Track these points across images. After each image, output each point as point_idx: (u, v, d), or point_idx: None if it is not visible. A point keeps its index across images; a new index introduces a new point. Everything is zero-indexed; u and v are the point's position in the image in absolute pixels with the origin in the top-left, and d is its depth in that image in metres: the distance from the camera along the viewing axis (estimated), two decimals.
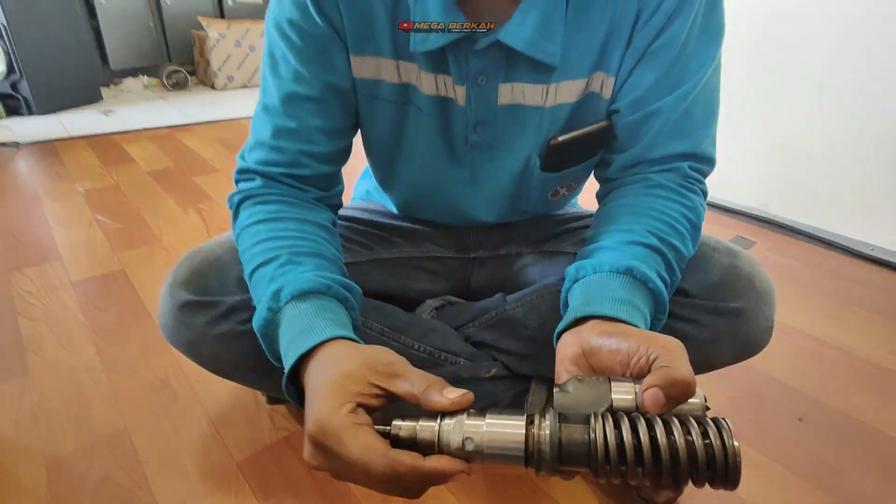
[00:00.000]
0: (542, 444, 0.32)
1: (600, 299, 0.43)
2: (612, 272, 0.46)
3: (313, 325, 0.42)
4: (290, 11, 0.52)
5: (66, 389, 0.75)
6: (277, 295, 0.45)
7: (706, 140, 0.56)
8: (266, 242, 0.49)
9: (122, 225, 1.26)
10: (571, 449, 0.32)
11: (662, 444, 0.30)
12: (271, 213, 0.52)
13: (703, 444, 0.30)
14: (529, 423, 0.33)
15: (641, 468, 0.30)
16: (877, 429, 0.74)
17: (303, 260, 0.48)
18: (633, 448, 0.30)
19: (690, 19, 0.50)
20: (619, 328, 0.39)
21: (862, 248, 1.22)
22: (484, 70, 0.52)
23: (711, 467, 0.29)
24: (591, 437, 0.31)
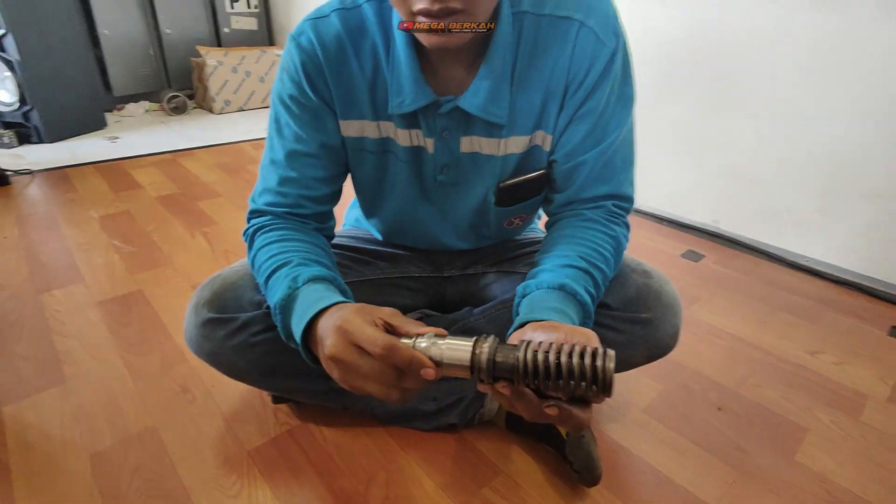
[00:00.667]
0: (482, 359, 0.47)
1: (540, 309, 0.57)
2: (549, 288, 0.60)
3: (325, 296, 0.57)
4: (290, 89, 0.67)
5: (100, 395, 0.88)
6: (296, 279, 0.60)
7: (625, 183, 0.71)
8: (279, 255, 0.64)
9: (136, 248, 1.39)
10: (502, 363, 0.47)
11: (563, 362, 0.44)
12: (281, 236, 0.66)
13: (587, 363, 0.44)
14: (475, 343, 0.48)
15: (548, 380, 0.45)
16: (781, 415, 0.88)
17: (311, 263, 0.63)
18: (543, 362, 0.45)
19: (608, 91, 0.65)
20: (550, 324, 0.53)
21: (797, 258, 1.38)
22: (447, 127, 0.67)
23: (592, 378, 0.44)
24: (517, 355, 0.46)
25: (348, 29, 0.64)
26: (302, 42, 0.64)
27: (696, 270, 1.36)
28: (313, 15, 0.65)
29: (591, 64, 0.63)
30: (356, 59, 0.65)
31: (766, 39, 1.29)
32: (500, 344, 0.48)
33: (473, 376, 0.48)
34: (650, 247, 1.49)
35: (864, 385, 0.96)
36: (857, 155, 1.22)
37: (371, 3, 0.64)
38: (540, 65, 0.64)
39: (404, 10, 0.54)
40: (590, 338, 0.50)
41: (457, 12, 0.51)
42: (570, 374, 0.44)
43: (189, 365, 0.95)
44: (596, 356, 0.44)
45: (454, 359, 0.49)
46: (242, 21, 3.16)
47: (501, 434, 0.82)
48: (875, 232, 1.24)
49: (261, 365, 0.71)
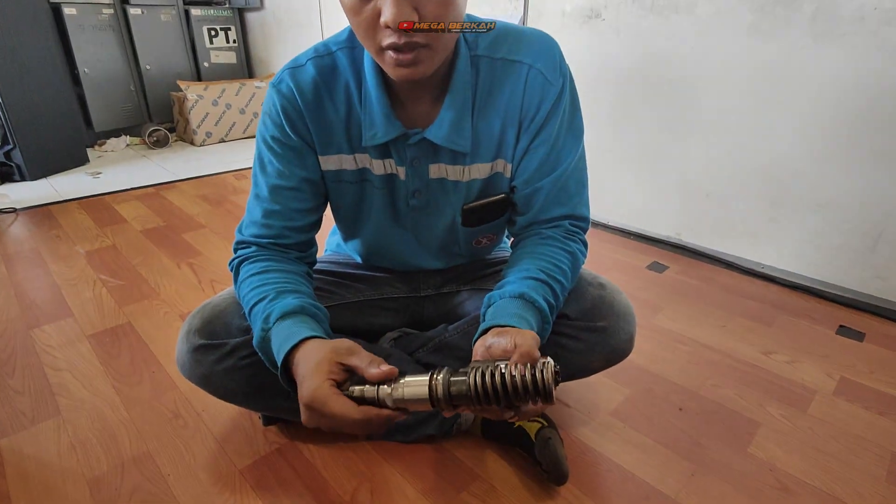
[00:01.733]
0: (438, 392, 0.54)
1: (501, 315, 0.65)
2: (511, 297, 0.67)
3: (293, 332, 0.63)
4: (272, 130, 0.73)
5: (94, 424, 0.92)
6: (268, 319, 0.66)
7: (580, 205, 0.79)
8: (259, 287, 0.70)
9: (123, 282, 1.43)
10: (456, 393, 0.54)
11: (509, 381, 0.52)
12: (262, 268, 0.72)
13: (529, 377, 0.51)
14: (430, 379, 0.56)
15: (497, 398, 0.52)
16: (736, 412, 0.95)
17: (286, 295, 0.68)
18: (492, 387, 0.52)
19: (558, 124, 0.73)
20: (502, 330, 0.61)
21: (752, 266, 1.47)
22: (417, 156, 0.74)
23: (535, 391, 0.51)
24: (468, 382, 0.53)
25: (323, 75, 0.71)
26: (282, 88, 0.72)
27: (661, 281, 1.44)
28: (291, 64, 0.73)
29: (542, 100, 0.71)
30: (331, 100, 0.72)
31: (712, 66, 1.41)
32: (452, 373, 0.56)
33: (435, 408, 0.56)
34: (618, 259, 1.57)
35: (813, 381, 1.04)
36: (800, 170, 1.33)
37: (343, 49, 0.72)
38: (496, 101, 0.72)
39: (374, 48, 0.61)
40: (525, 338, 0.58)
41: (421, 47, 0.59)
42: (515, 390, 0.52)
43: (180, 391, 1.00)
44: (535, 371, 0.51)
45: (415, 396, 0.56)
46: (222, 55, 3.24)
47: (478, 441, 0.88)
48: (820, 239, 1.34)
49: (249, 386, 0.76)
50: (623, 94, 1.62)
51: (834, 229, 1.31)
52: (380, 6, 0.55)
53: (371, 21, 0.57)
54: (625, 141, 1.66)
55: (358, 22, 0.58)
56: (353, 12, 0.58)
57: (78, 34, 2.68)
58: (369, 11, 0.56)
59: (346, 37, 0.72)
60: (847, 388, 1.02)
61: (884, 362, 1.10)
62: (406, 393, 0.56)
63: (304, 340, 0.62)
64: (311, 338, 0.63)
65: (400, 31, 0.56)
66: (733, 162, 1.44)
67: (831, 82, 1.23)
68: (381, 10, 0.55)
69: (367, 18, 0.57)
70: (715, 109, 1.44)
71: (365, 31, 0.59)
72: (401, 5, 0.54)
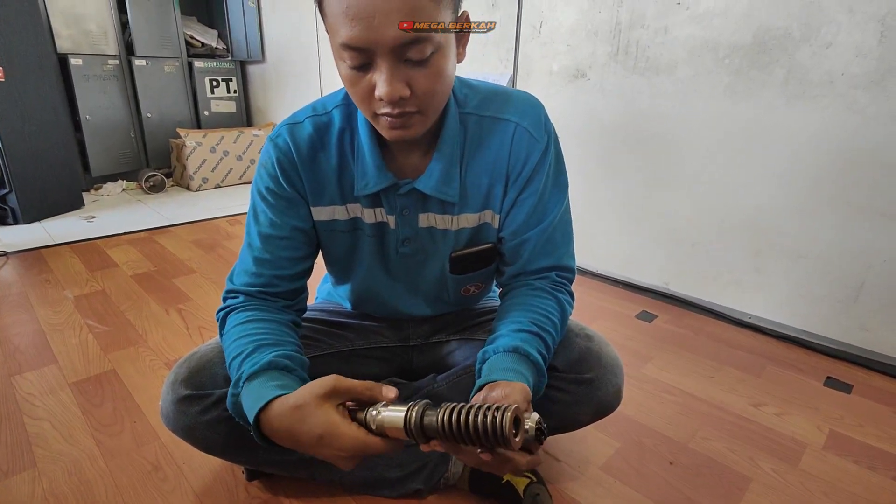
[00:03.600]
0: (411, 422, 0.56)
1: (497, 370, 0.65)
2: (505, 352, 0.68)
3: (260, 395, 0.62)
4: (267, 181, 0.76)
5: (71, 477, 0.89)
6: (237, 383, 0.66)
7: (566, 256, 0.81)
8: (239, 340, 0.70)
9: (110, 328, 1.41)
10: (427, 425, 0.55)
11: (471, 421, 0.53)
12: (246, 318, 0.73)
13: (490, 418, 0.52)
14: (407, 409, 0.57)
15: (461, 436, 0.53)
16: (727, 466, 0.94)
17: (262, 349, 0.68)
18: (457, 423, 0.53)
19: (544, 178, 0.76)
20: (497, 385, 0.62)
21: (741, 316, 1.49)
22: (406, 205, 0.77)
23: (494, 433, 0.51)
24: (438, 415, 0.54)
25: (319, 131, 0.75)
26: (279, 142, 0.74)
27: (650, 330, 1.45)
28: (290, 121, 0.76)
29: (528, 157, 0.74)
30: (325, 154, 0.75)
31: (693, 123, 1.47)
32: (428, 407, 0.57)
33: (409, 438, 0.56)
34: (607, 308, 1.58)
35: (803, 434, 1.03)
36: (779, 221, 1.37)
37: (339, 108, 0.75)
38: (484, 154, 0.75)
39: (368, 114, 0.64)
40: (515, 389, 0.59)
41: (413, 114, 0.62)
42: (476, 429, 0.52)
43: (161, 442, 0.97)
44: (497, 413, 0.52)
45: (393, 423, 0.57)
46: (222, 104, 3.34)
47: (465, 496, 0.86)
48: (804, 289, 1.36)
49: (232, 437, 0.75)
50: (609, 147, 1.68)
51: (817, 280, 1.34)
52: (374, 81, 0.59)
53: (367, 92, 0.60)
54: (612, 192, 1.71)
55: (354, 91, 0.62)
56: (350, 83, 0.61)
57: (82, 83, 2.76)
58: (365, 84, 0.60)
59: (342, 96, 0.75)
60: (837, 441, 1.02)
61: (872, 415, 1.10)
62: (385, 419, 0.57)
63: (270, 403, 0.61)
64: (279, 396, 0.61)
65: (393, 102, 0.59)
66: (717, 213, 1.48)
67: (807, 140, 1.29)
68: (376, 84, 0.59)
69: (362, 89, 0.60)
70: (697, 163, 1.49)
71: (360, 100, 0.62)
72: (394, 82, 0.57)
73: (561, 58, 1.72)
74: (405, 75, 0.59)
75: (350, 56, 0.58)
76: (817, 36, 1.23)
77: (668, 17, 1.46)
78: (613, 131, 1.65)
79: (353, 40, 0.56)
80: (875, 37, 1.15)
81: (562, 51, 1.71)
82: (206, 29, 3.33)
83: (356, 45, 0.56)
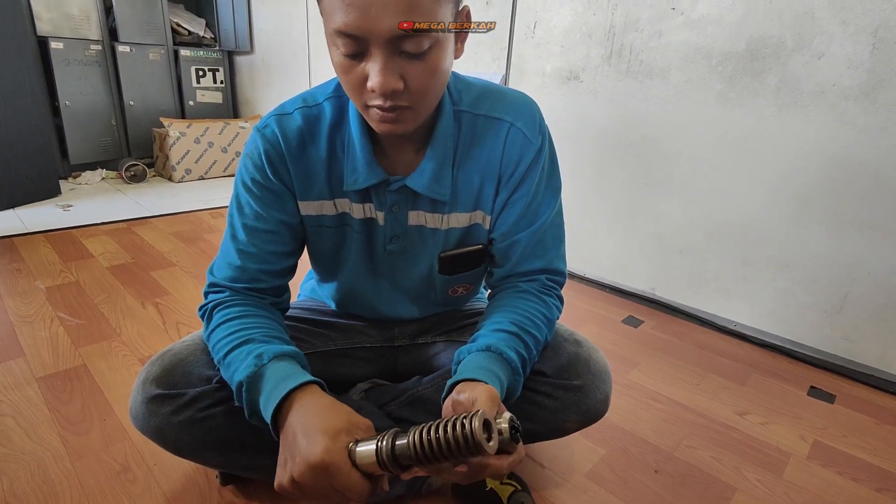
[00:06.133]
0: (383, 456, 0.53)
1: (469, 369, 0.63)
2: (478, 351, 0.66)
3: (294, 373, 0.61)
4: (253, 173, 0.72)
5: (34, 478, 0.85)
6: (261, 356, 0.63)
7: (557, 259, 0.79)
8: (239, 332, 0.66)
9: (82, 321, 1.36)
10: (400, 454, 0.52)
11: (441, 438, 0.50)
12: (241, 312, 0.70)
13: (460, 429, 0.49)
14: (377, 444, 0.54)
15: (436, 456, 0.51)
16: (712, 475, 0.93)
17: (273, 340, 0.66)
18: (428, 442, 0.51)
19: (537, 180, 0.74)
20: (462, 386, 0.60)
21: (727, 324, 1.49)
22: (396, 202, 0.74)
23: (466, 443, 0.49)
24: (408, 441, 0.52)
25: (309, 123, 0.72)
26: (266, 134, 0.71)
27: (636, 335, 1.44)
28: (278, 111, 0.73)
29: (521, 157, 0.72)
30: (314, 147, 0.72)
31: (684, 129, 1.47)
32: (398, 435, 0.54)
33: (384, 470, 0.53)
34: (594, 312, 1.57)
35: (787, 444, 1.03)
36: (767, 230, 1.37)
37: (330, 99, 0.72)
38: (477, 154, 0.73)
39: (360, 105, 0.61)
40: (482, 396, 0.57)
41: (404, 108, 0.60)
42: (448, 445, 0.50)
43: (131, 442, 0.93)
44: (464, 422, 0.50)
45: (366, 458, 0.54)
46: (208, 95, 3.27)
47: (448, 502, 0.83)
48: (789, 299, 1.37)
49: (207, 440, 0.71)
50: (600, 151, 1.67)
51: (802, 290, 1.34)
52: (367, 71, 0.56)
53: (359, 82, 0.58)
54: (601, 196, 1.70)
55: (346, 80, 0.59)
56: (342, 71, 0.59)
57: (62, 67, 2.67)
58: (357, 73, 0.57)
59: (333, 87, 0.73)
60: (821, 451, 1.02)
61: (856, 426, 1.10)
62: (359, 454, 0.54)
63: (309, 386, 0.60)
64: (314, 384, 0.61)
65: (385, 95, 0.57)
66: (706, 220, 1.48)
67: (796, 149, 1.29)
68: (369, 75, 0.56)
69: (354, 78, 0.58)
70: (687, 169, 1.49)
71: (352, 89, 0.60)
72: (387, 74, 0.55)
73: (554, 59, 1.71)
74: (400, 68, 0.56)
75: (344, 43, 0.55)
76: (810, 46, 1.23)
77: (662, 22, 1.45)
78: (605, 135, 1.65)
79: (347, 27, 0.53)
80: (867, 49, 1.16)
81: (555, 52, 1.70)
82: (193, 17, 3.26)
83: (350, 33, 0.54)
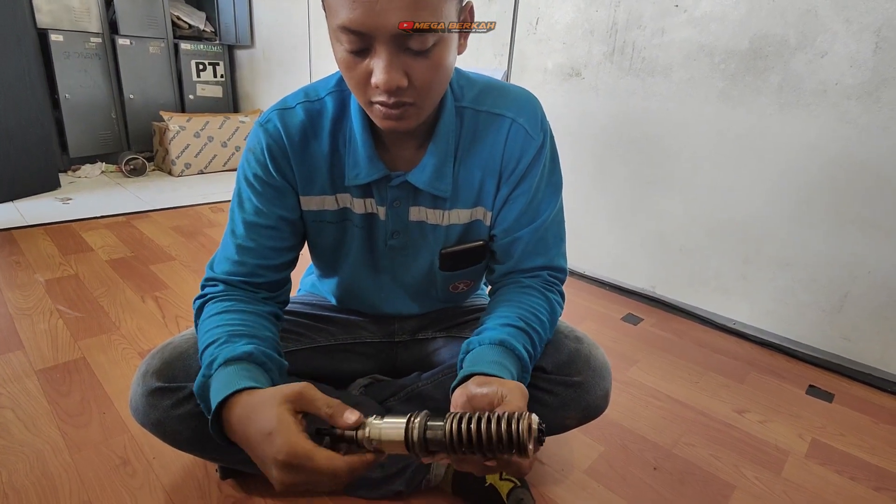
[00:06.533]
0: (413, 436, 0.51)
1: (481, 362, 0.62)
2: (490, 344, 0.65)
3: (231, 380, 0.57)
4: (255, 168, 0.72)
5: (33, 469, 0.85)
6: (211, 364, 0.61)
7: (558, 256, 0.79)
8: (215, 329, 0.66)
9: (82, 314, 1.36)
10: (432, 439, 0.51)
11: (483, 430, 0.49)
12: (223, 308, 0.69)
13: (505, 427, 0.48)
14: (407, 422, 0.52)
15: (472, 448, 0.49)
16: (711, 473, 0.94)
17: (237, 339, 0.64)
18: (467, 434, 0.49)
19: (538, 177, 0.74)
20: (487, 380, 0.58)
21: (726, 322, 1.49)
22: (398, 197, 0.74)
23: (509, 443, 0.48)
24: (444, 427, 0.50)
25: (311, 118, 0.71)
26: (269, 128, 0.71)
27: (635, 333, 1.44)
28: (280, 105, 0.72)
29: (522, 153, 0.72)
30: (317, 143, 0.72)
31: (686, 127, 1.47)
32: (430, 418, 0.53)
33: (411, 452, 0.52)
34: (593, 310, 1.57)
35: (785, 442, 1.03)
36: (768, 229, 1.37)
37: (333, 94, 0.72)
38: (478, 150, 0.72)
39: (363, 101, 0.61)
40: (513, 394, 0.55)
41: (409, 105, 0.59)
42: (490, 441, 0.49)
43: (130, 435, 0.93)
44: (511, 422, 0.49)
45: (391, 438, 0.52)
46: (208, 89, 3.26)
47: (448, 499, 0.83)
48: (789, 297, 1.37)
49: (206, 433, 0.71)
50: (601, 148, 1.67)
51: (802, 288, 1.34)
52: (371, 67, 0.56)
53: (363, 78, 0.58)
54: (602, 193, 1.70)
55: (349, 76, 0.59)
56: (346, 67, 0.58)
57: (62, 60, 2.66)
58: (362, 69, 0.57)
59: (335, 82, 0.72)
60: (819, 450, 1.02)
61: (854, 425, 1.10)
62: (383, 435, 0.52)
63: (243, 392, 0.56)
64: (249, 389, 0.56)
65: (389, 92, 0.56)
66: (706, 218, 1.48)
67: (798, 148, 1.29)
68: (373, 72, 0.56)
69: (358, 75, 0.58)
70: (688, 167, 1.49)
71: (355, 86, 0.60)
72: (392, 71, 0.55)
73: (556, 55, 1.70)
74: (404, 64, 0.56)
75: (348, 39, 0.55)
76: (813, 45, 1.23)
77: (665, 19, 1.45)
78: (606, 132, 1.64)
79: (352, 23, 0.53)
80: (870, 48, 1.15)
81: (557, 48, 1.69)
82: (193, 10, 3.25)
83: (355, 29, 0.53)
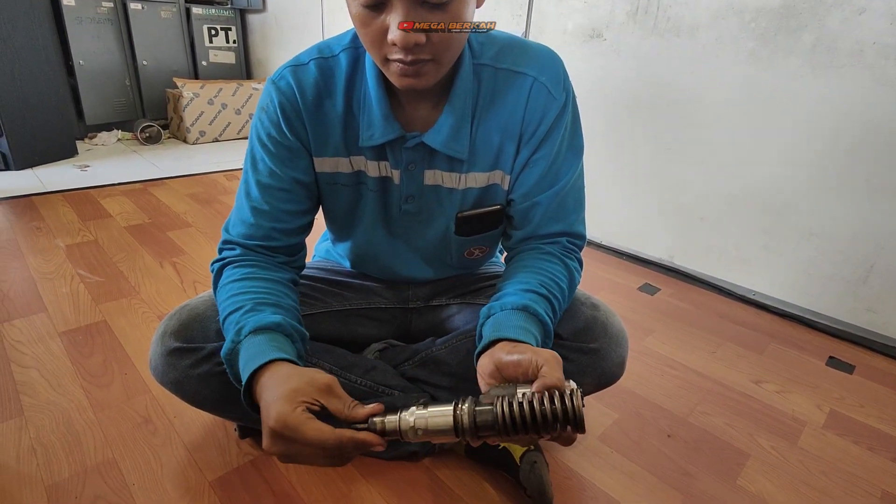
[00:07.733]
0: (464, 422, 0.51)
1: (506, 327, 0.61)
2: (513, 309, 0.64)
3: (263, 350, 0.59)
4: (268, 128, 0.71)
5: (59, 426, 0.88)
6: (240, 331, 0.61)
7: (577, 222, 0.77)
8: (237, 296, 0.66)
9: (102, 279, 1.38)
10: (483, 423, 0.51)
11: (538, 411, 0.49)
12: (244, 275, 0.69)
13: (559, 406, 0.48)
14: (455, 408, 0.52)
15: (526, 429, 0.49)
16: (726, 441, 0.93)
17: (263, 308, 0.64)
18: (519, 415, 0.49)
19: (559, 140, 0.71)
20: (518, 347, 0.57)
21: (745, 293, 1.46)
22: (413, 160, 0.72)
23: (565, 420, 0.48)
24: (495, 412, 0.50)
25: (325, 76, 0.69)
26: (281, 86, 0.69)
27: (652, 303, 1.43)
28: (293, 62, 0.70)
29: (544, 114, 0.69)
30: (330, 100, 0.70)
31: (711, 91, 1.41)
32: (476, 403, 0.53)
33: (460, 438, 0.53)
34: (610, 279, 1.56)
35: (803, 412, 1.02)
36: (794, 198, 1.33)
37: (347, 51, 0.70)
38: (498, 110, 0.70)
39: (379, 59, 0.59)
40: (550, 364, 0.54)
41: (426, 62, 0.57)
42: (545, 420, 0.49)
43: (152, 395, 0.95)
44: (564, 399, 0.49)
45: (439, 426, 0.53)
46: (221, 55, 3.22)
47: (461, 461, 0.84)
48: (812, 268, 1.33)
49: (224, 393, 0.72)
50: (621, 114, 1.62)
51: (826, 259, 1.31)
52: (388, 23, 0.54)
53: (379, 34, 0.56)
54: (621, 160, 1.66)
55: (365, 33, 0.57)
56: (361, 23, 0.57)
57: (75, 26, 2.64)
58: (377, 25, 0.55)
59: (349, 39, 0.70)
60: (837, 421, 1.01)
61: (873, 396, 1.09)
62: (430, 424, 0.53)
63: (274, 362, 0.58)
64: (282, 360, 0.58)
65: (407, 48, 0.54)
66: (728, 187, 1.44)
67: (828, 113, 1.23)
68: (389, 27, 0.54)
69: (374, 31, 0.56)
70: (711, 134, 1.44)
71: (371, 43, 0.58)
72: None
73: (577, 16, 1.64)
74: (421, 19, 0.54)
75: None
76: (850, 0, 1.16)
77: None
78: (627, 97, 1.59)
79: None
80: None
81: (578, 8, 1.63)
82: None
83: None
